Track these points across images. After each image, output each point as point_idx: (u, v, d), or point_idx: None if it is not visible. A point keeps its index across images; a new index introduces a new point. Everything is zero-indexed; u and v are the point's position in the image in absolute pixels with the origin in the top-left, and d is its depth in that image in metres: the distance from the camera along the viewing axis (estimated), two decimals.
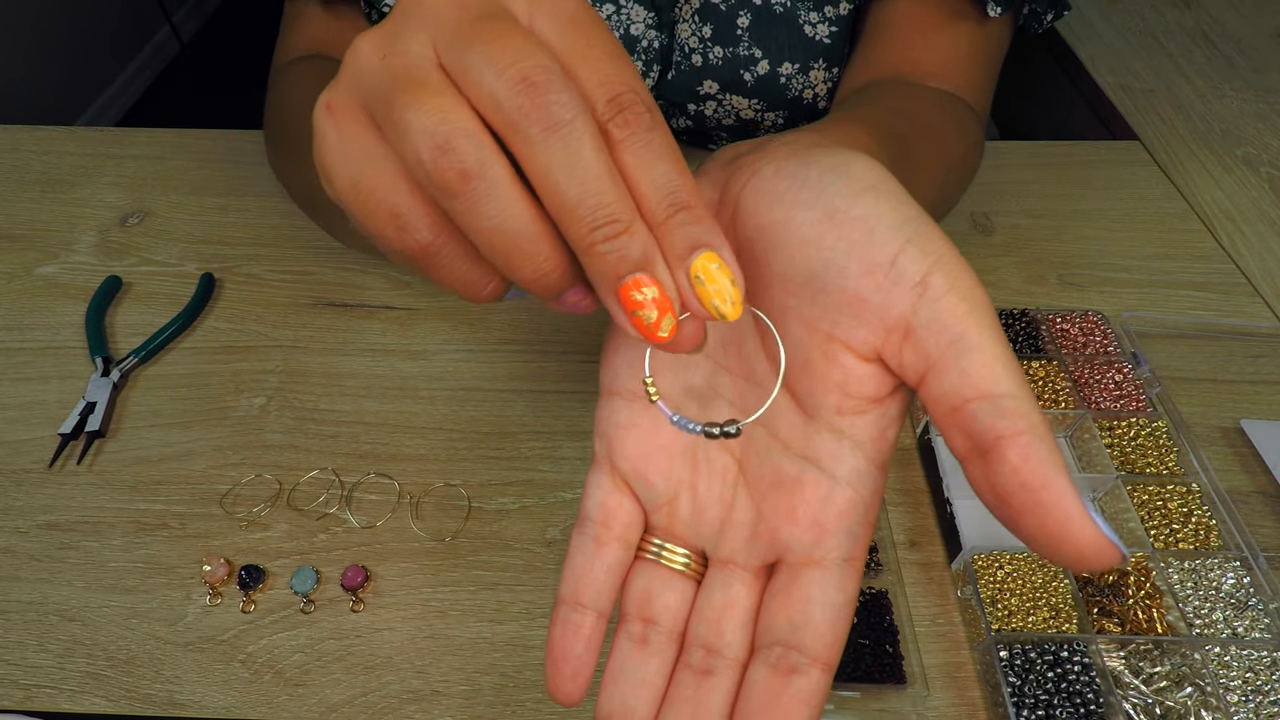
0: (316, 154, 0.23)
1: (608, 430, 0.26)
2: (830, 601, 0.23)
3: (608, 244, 0.20)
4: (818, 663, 0.22)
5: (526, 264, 0.21)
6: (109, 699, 0.39)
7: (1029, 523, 0.19)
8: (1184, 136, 0.74)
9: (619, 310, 0.21)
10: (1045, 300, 0.58)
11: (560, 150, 0.19)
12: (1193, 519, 0.44)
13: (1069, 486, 0.19)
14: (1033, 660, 0.39)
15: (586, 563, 0.25)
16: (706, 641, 0.24)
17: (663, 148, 0.21)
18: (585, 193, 0.19)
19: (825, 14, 0.56)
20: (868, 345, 0.22)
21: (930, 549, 0.45)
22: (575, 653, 0.24)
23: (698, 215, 0.21)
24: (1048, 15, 0.54)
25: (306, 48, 0.58)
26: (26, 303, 0.57)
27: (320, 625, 0.42)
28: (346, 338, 0.55)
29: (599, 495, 0.26)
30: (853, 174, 0.23)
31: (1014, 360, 0.20)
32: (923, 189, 0.45)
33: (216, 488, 0.47)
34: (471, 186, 0.20)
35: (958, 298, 0.21)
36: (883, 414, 0.23)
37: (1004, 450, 0.19)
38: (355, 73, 0.22)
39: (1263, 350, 0.55)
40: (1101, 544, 0.18)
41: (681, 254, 0.21)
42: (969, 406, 0.20)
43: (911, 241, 0.21)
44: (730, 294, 0.21)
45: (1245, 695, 0.38)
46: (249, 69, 1.60)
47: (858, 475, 0.23)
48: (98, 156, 0.70)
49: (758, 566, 0.24)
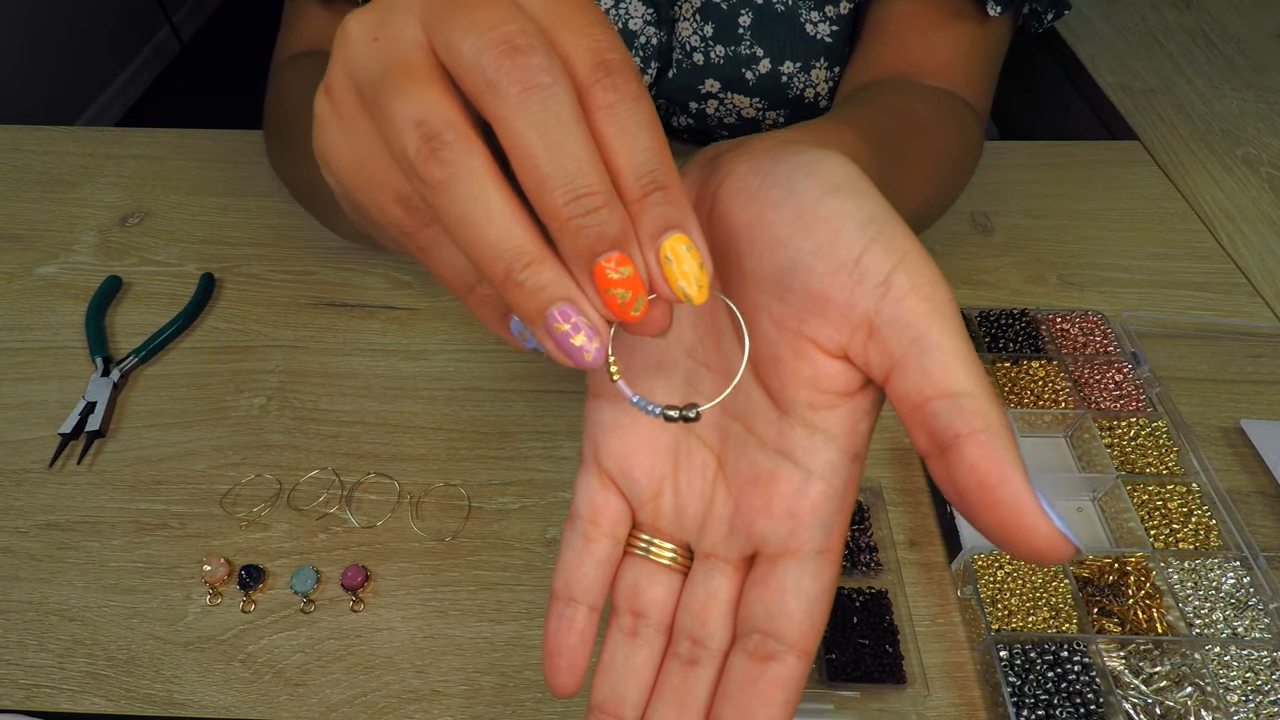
0: (316, 140, 0.23)
1: (593, 431, 0.27)
2: (805, 591, 0.23)
3: (586, 218, 0.19)
4: (794, 649, 0.23)
5: (492, 255, 0.20)
6: (109, 699, 0.39)
7: (987, 518, 0.20)
8: (1184, 136, 0.74)
9: (591, 289, 0.20)
10: (1045, 300, 0.58)
11: (539, 112, 0.19)
12: (1193, 519, 0.44)
13: (1024, 483, 0.19)
14: (1033, 660, 0.39)
15: (577, 559, 0.26)
16: (692, 632, 0.25)
17: (647, 120, 0.20)
18: (563, 159, 0.19)
19: (826, 13, 0.56)
20: (834, 343, 0.22)
21: (930, 549, 0.45)
22: (569, 646, 0.25)
23: (673, 196, 0.21)
24: (1048, 15, 0.54)
25: (306, 45, 0.59)
26: (27, 303, 0.57)
27: (320, 625, 0.42)
28: (346, 338, 0.55)
29: (587, 494, 0.27)
30: (821, 173, 0.23)
31: (975, 359, 0.21)
32: (914, 189, 0.45)
33: (216, 488, 0.47)
34: (451, 176, 0.19)
35: (920, 297, 0.21)
36: (854, 408, 0.23)
37: (962, 448, 0.20)
38: (347, 56, 0.22)
39: (1263, 350, 0.55)
40: (1055, 538, 0.19)
41: (654, 234, 0.20)
42: (929, 405, 0.20)
43: (876, 240, 0.22)
44: (698, 277, 0.21)
45: (1245, 695, 0.38)
46: (249, 69, 1.60)
47: (830, 468, 0.23)
48: (98, 156, 0.70)
49: (738, 559, 0.25)
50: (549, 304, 0.20)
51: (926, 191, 0.47)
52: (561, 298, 0.20)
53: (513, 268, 0.20)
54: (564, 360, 0.21)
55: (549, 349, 0.21)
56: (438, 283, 0.59)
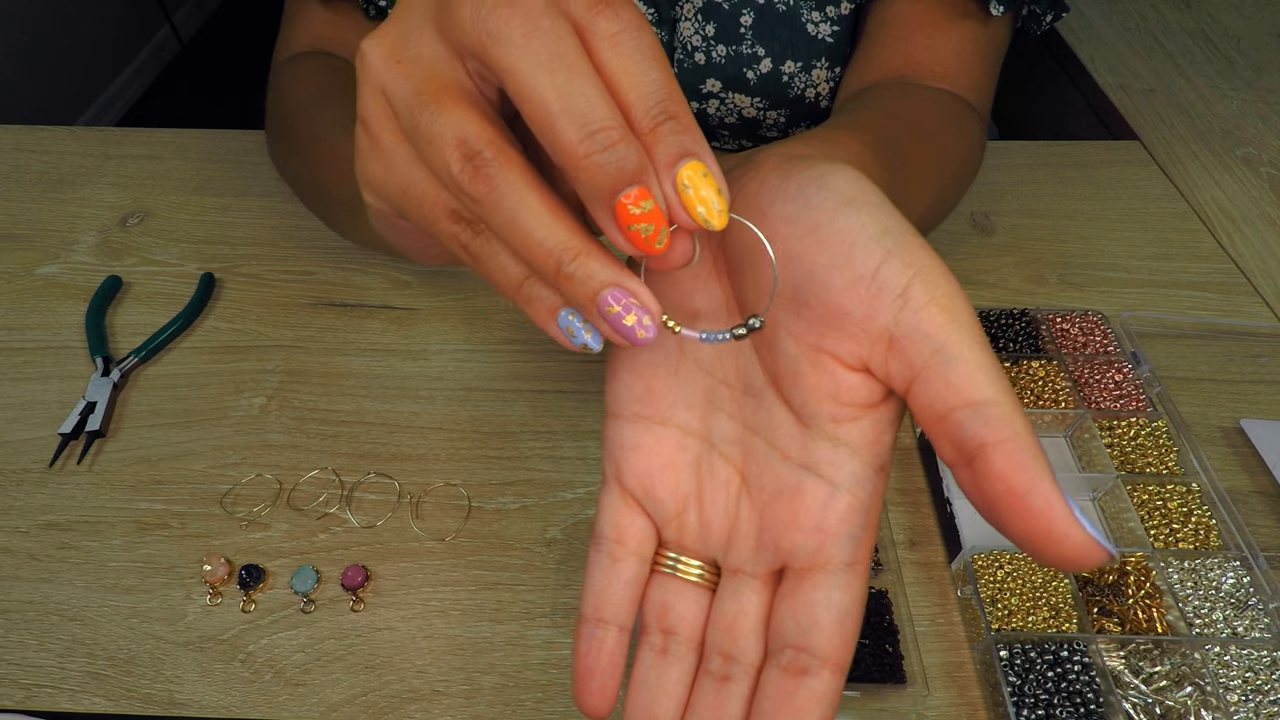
0: (359, 169, 0.24)
1: (614, 451, 0.27)
2: (836, 604, 0.23)
3: (604, 154, 0.19)
4: (828, 664, 0.23)
5: (542, 253, 0.21)
6: (109, 698, 0.39)
7: (1017, 527, 0.19)
8: (1184, 136, 0.74)
9: (613, 227, 0.21)
10: (1045, 300, 0.58)
11: (543, 53, 0.19)
12: (1193, 519, 0.44)
13: (1054, 490, 0.19)
14: (1033, 660, 0.39)
15: (605, 579, 0.26)
16: (723, 648, 0.25)
17: (651, 49, 0.21)
18: (572, 97, 0.19)
19: (827, 13, 0.56)
20: (854, 356, 0.23)
21: (930, 549, 0.45)
22: (600, 667, 0.25)
23: (685, 124, 0.21)
24: (1047, 16, 0.54)
25: (307, 44, 0.59)
26: (27, 303, 0.57)
27: (320, 625, 0.42)
28: (346, 338, 0.55)
29: (610, 514, 0.27)
30: (833, 187, 0.23)
31: (997, 367, 0.21)
32: (919, 194, 0.45)
33: (216, 487, 0.47)
34: (494, 189, 0.20)
35: (939, 308, 0.21)
36: (878, 419, 0.23)
37: (989, 457, 0.20)
38: (375, 83, 0.22)
39: (1263, 350, 0.55)
40: (1089, 545, 0.19)
41: (669, 163, 0.20)
42: (954, 415, 0.20)
43: (892, 253, 0.22)
44: (716, 202, 0.21)
45: (1245, 695, 0.38)
46: (249, 69, 1.60)
47: (856, 480, 0.23)
48: (98, 156, 0.70)
49: (766, 573, 0.25)
50: (599, 290, 0.21)
51: (931, 197, 0.48)
52: (610, 283, 0.21)
53: (562, 260, 0.21)
54: (620, 342, 0.22)
55: (605, 333, 0.22)
56: (437, 283, 0.59)
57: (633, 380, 0.26)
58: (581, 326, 0.22)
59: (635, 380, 0.26)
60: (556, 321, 0.23)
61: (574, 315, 0.22)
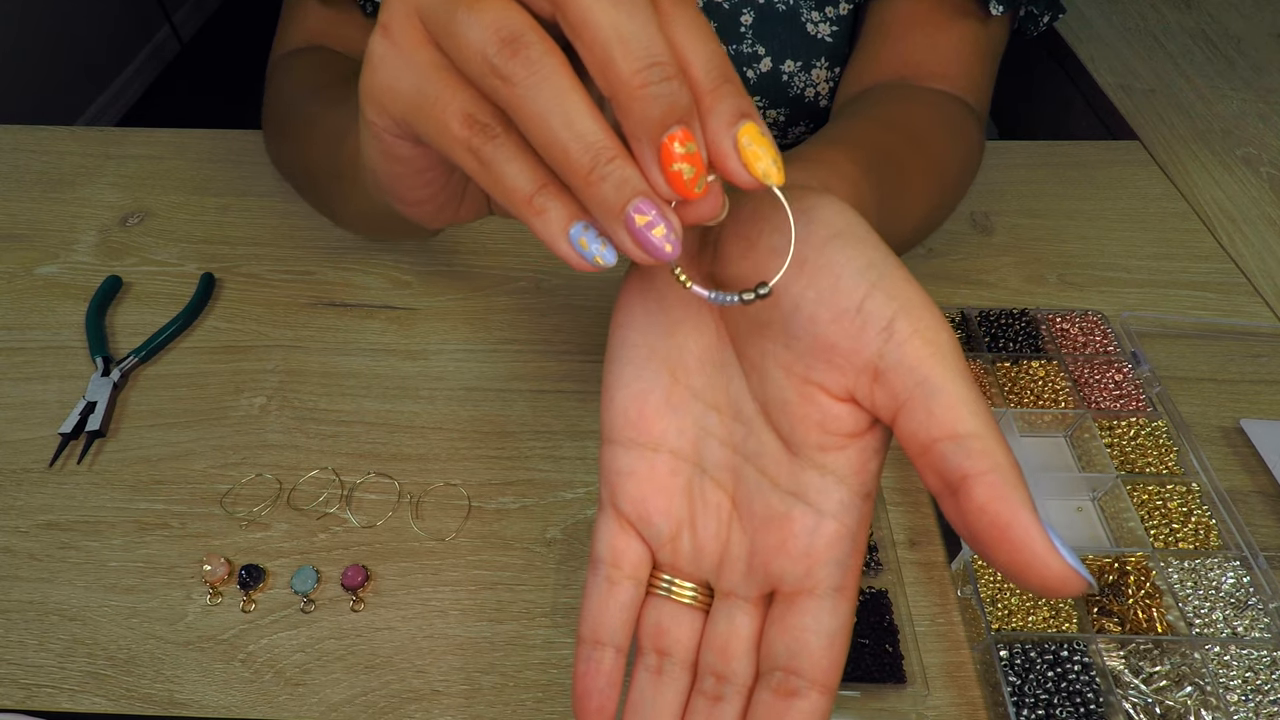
0: (368, 79, 0.23)
1: (610, 477, 0.27)
2: (824, 628, 0.24)
3: (659, 86, 0.19)
4: (816, 685, 0.24)
5: (578, 148, 0.20)
6: (109, 698, 0.39)
7: (999, 556, 0.20)
8: (1184, 136, 0.74)
9: (654, 164, 0.20)
10: (1045, 300, 0.58)
11: None
12: (1193, 519, 0.44)
13: (1034, 521, 0.20)
14: (1033, 660, 0.39)
15: (602, 602, 0.27)
16: (716, 669, 0.26)
17: (709, 29, 0.21)
18: (634, 28, 0.19)
19: (827, 13, 0.56)
20: (840, 387, 0.23)
21: (930, 548, 0.45)
22: (598, 688, 0.26)
23: (741, 90, 0.21)
24: (1044, 18, 0.54)
25: (304, 40, 0.59)
26: (27, 303, 0.57)
27: (320, 625, 0.42)
28: (346, 338, 0.55)
29: (607, 538, 0.27)
30: (820, 219, 0.24)
31: (980, 400, 0.21)
32: (916, 203, 0.46)
33: (216, 487, 0.47)
34: (534, 73, 0.20)
35: (922, 341, 0.22)
36: (863, 448, 0.24)
37: (971, 489, 0.20)
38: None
39: (1263, 350, 0.55)
40: (1068, 574, 0.19)
41: (730, 120, 0.21)
42: (937, 447, 0.21)
43: (877, 286, 0.22)
44: (775, 158, 0.21)
45: (1245, 695, 0.38)
46: (249, 69, 1.60)
47: (842, 508, 0.24)
48: (98, 156, 0.70)
49: (757, 596, 0.26)
50: (632, 197, 0.20)
51: (928, 205, 0.48)
52: (644, 191, 0.20)
53: (599, 159, 0.20)
54: (641, 257, 0.21)
55: (626, 246, 0.21)
56: (437, 283, 0.59)
57: (627, 406, 0.27)
58: (596, 239, 0.21)
59: (629, 406, 0.27)
60: (568, 236, 0.22)
61: (588, 229, 0.21)
